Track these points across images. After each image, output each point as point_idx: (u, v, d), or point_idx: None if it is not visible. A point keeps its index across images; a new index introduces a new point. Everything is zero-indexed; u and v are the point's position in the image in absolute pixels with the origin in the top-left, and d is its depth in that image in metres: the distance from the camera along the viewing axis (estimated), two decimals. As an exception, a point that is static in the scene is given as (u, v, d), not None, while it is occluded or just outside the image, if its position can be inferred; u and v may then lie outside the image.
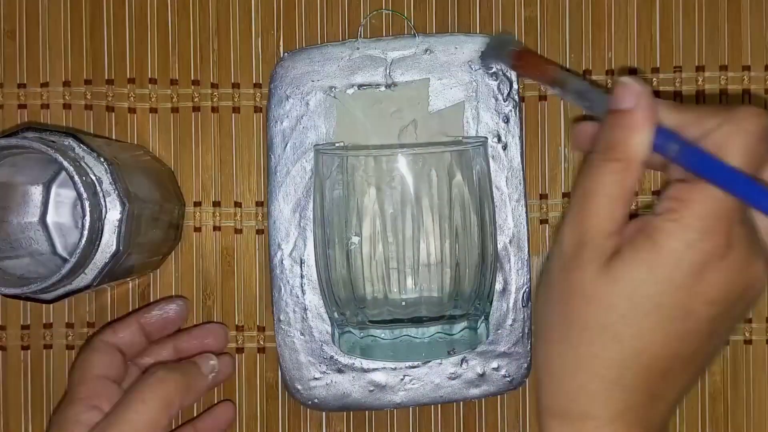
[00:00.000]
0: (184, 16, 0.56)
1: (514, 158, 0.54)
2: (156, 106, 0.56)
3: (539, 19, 0.56)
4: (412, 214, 0.49)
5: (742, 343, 0.56)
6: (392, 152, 0.49)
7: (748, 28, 0.56)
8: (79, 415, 0.47)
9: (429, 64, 0.54)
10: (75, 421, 0.47)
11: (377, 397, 0.55)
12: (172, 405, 0.47)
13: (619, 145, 0.37)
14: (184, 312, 0.54)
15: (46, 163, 0.50)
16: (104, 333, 0.51)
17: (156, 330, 0.53)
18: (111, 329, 0.52)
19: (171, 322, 0.53)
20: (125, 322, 0.52)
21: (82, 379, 0.49)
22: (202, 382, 0.50)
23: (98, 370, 0.49)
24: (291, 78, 0.54)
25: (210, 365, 0.51)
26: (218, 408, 0.55)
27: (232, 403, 0.56)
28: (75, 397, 0.48)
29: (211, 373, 0.50)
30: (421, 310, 0.50)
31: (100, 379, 0.49)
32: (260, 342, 0.56)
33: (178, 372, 0.48)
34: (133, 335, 0.52)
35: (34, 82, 0.57)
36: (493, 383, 0.54)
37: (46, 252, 0.52)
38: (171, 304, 0.54)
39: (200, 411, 0.55)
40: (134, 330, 0.52)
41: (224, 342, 0.55)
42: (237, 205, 0.56)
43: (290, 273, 0.54)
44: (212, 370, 0.51)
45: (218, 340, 0.54)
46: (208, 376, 0.50)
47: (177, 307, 0.54)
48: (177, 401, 0.47)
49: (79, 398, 0.48)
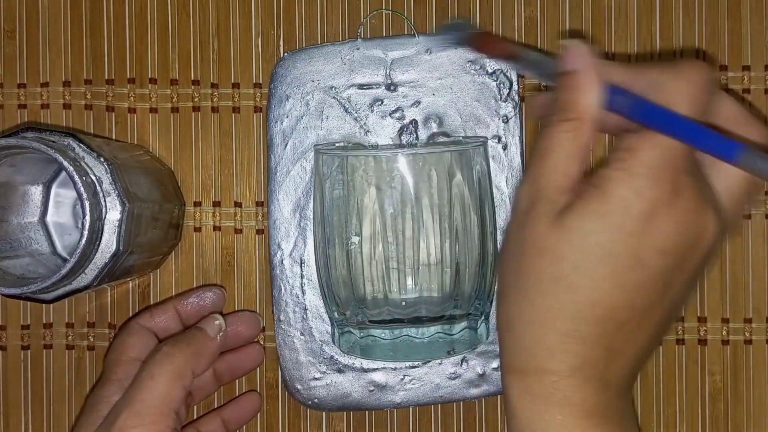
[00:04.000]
0: (184, 16, 0.56)
1: (514, 158, 0.54)
2: (156, 106, 0.56)
3: (539, 18, 0.56)
4: (412, 214, 0.49)
5: (742, 343, 0.56)
6: (392, 152, 0.49)
7: (748, 28, 0.56)
8: (112, 396, 0.47)
9: (429, 64, 0.54)
10: (107, 402, 0.47)
11: (377, 397, 0.55)
12: (184, 376, 0.47)
13: (571, 104, 0.38)
14: (222, 300, 0.54)
15: (46, 163, 0.50)
16: (141, 317, 0.52)
17: (192, 316, 0.53)
18: (148, 313, 0.52)
19: (207, 309, 0.53)
20: (162, 307, 0.53)
21: (117, 360, 0.49)
22: (211, 344, 0.50)
23: (133, 352, 0.49)
24: (291, 78, 0.54)
25: (215, 326, 0.50)
26: (244, 398, 0.55)
27: (258, 394, 0.56)
28: (109, 377, 0.49)
29: (219, 333, 0.50)
30: (421, 310, 0.50)
31: (134, 361, 0.49)
32: (260, 342, 0.56)
33: (183, 342, 0.48)
34: (169, 320, 0.52)
35: (34, 82, 0.57)
36: (493, 383, 0.54)
37: (46, 252, 0.52)
38: (208, 292, 0.54)
39: (226, 400, 0.56)
40: (171, 315, 0.52)
41: (257, 330, 0.55)
42: (237, 205, 0.56)
43: (290, 273, 0.54)
44: (219, 330, 0.50)
45: (251, 327, 0.55)
46: (216, 337, 0.50)
47: (214, 295, 0.54)
48: (188, 371, 0.47)
49: (114, 379, 0.48)
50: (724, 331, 0.56)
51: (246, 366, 0.55)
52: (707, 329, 0.56)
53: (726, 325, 0.56)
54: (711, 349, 0.56)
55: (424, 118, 0.54)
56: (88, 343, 0.56)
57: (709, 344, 0.56)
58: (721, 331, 0.56)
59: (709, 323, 0.56)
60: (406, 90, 0.54)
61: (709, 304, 0.56)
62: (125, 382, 0.47)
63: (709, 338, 0.56)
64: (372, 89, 0.54)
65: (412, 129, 0.54)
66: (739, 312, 0.56)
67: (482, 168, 0.51)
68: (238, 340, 0.54)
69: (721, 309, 0.56)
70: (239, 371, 0.55)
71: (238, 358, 0.54)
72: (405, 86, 0.54)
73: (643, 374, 0.56)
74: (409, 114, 0.54)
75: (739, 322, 0.56)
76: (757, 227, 0.56)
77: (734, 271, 0.56)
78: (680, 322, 0.56)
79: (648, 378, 0.56)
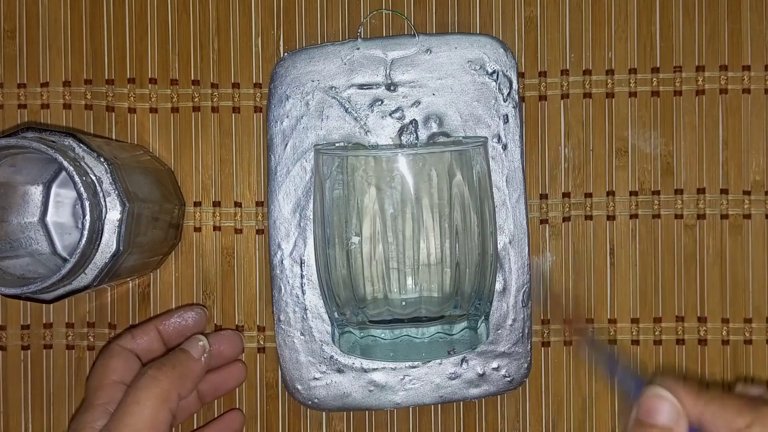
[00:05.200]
0: (184, 16, 0.56)
1: (514, 158, 0.54)
2: (156, 106, 0.56)
3: (539, 19, 0.56)
4: (412, 214, 0.49)
5: (742, 343, 0.56)
6: (392, 152, 0.49)
7: (748, 28, 0.56)
8: (96, 421, 0.47)
9: (429, 64, 0.54)
10: (92, 428, 0.46)
11: (377, 397, 0.55)
12: (170, 399, 0.46)
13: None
14: (203, 319, 0.54)
15: (46, 163, 0.50)
16: (122, 338, 0.51)
17: (174, 337, 0.53)
18: (129, 335, 0.52)
19: (189, 329, 0.53)
20: (144, 328, 0.52)
21: (99, 384, 0.49)
22: (196, 366, 0.49)
23: (116, 375, 0.49)
24: (291, 78, 0.54)
25: (200, 347, 0.50)
26: (227, 416, 0.55)
27: (241, 412, 0.56)
28: (92, 402, 0.48)
29: (204, 355, 0.50)
30: (421, 310, 0.50)
31: (117, 384, 0.48)
32: (260, 342, 0.56)
33: (168, 365, 0.48)
34: (151, 341, 0.52)
35: (34, 82, 0.57)
36: (493, 383, 0.54)
37: (46, 252, 0.52)
38: (189, 312, 0.54)
39: (208, 419, 0.56)
40: (152, 336, 0.52)
41: (239, 348, 0.55)
42: (237, 205, 0.56)
43: (290, 273, 0.54)
44: (203, 351, 0.50)
45: (233, 346, 0.54)
46: (201, 358, 0.50)
47: (195, 315, 0.54)
48: (174, 394, 0.47)
49: (97, 404, 0.48)
50: (724, 331, 0.56)
51: (229, 384, 0.55)
52: (707, 329, 0.56)
53: (726, 325, 0.56)
54: (711, 349, 0.56)
55: (424, 118, 0.54)
56: (88, 343, 0.56)
57: (709, 344, 0.56)
58: (721, 331, 0.56)
59: (709, 323, 0.56)
60: (406, 90, 0.54)
61: (709, 304, 0.56)
62: (110, 406, 0.47)
63: (709, 338, 0.56)
64: (372, 89, 0.54)
65: (412, 129, 0.54)
66: (739, 312, 0.56)
67: (482, 168, 0.51)
68: (220, 359, 0.54)
69: (721, 309, 0.56)
70: (222, 390, 0.55)
71: (221, 377, 0.54)
72: (405, 86, 0.54)
73: (643, 374, 0.56)
74: (409, 114, 0.54)
75: (739, 322, 0.56)
76: (757, 227, 0.56)
77: (734, 271, 0.56)
78: (680, 322, 0.56)
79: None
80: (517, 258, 0.54)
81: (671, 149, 0.56)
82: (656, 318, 0.56)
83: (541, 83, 0.56)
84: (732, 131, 0.56)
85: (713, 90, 0.56)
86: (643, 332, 0.56)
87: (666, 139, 0.56)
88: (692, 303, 0.56)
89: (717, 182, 0.56)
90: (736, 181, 0.56)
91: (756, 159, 0.56)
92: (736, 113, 0.56)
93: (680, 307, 0.56)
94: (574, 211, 0.56)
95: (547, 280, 0.54)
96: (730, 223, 0.56)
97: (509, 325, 0.54)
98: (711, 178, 0.56)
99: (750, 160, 0.56)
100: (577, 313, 0.54)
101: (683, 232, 0.56)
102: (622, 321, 0.56)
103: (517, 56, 0.56)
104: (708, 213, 0.56)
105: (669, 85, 0.56)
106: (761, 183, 0.56)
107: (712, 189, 0.56)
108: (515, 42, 0.56)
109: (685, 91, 0.56)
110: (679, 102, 0.56)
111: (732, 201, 0.56)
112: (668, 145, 0.56)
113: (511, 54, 0.54)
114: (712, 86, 0.56)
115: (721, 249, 0.56)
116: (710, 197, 0.56)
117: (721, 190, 0.56)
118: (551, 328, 0.56)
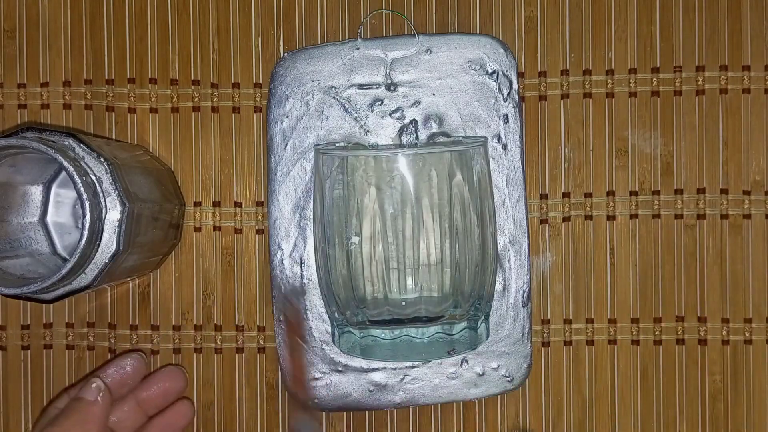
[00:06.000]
0: (184, 16, 0.56)
1: (514, 158, 0.54)
2: (156, 106, 0.56)
3: (539, 19, 0.56)
4: (412, 214, 0.49)
5: (742, 343, 0.56)
6: (392, 152, 0.49)
7: (748, 28, 0.56)
8: None
9: (429, 64, 0.54)
10: None
11: (377, 397, 0.55)
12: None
13: None
14: (142, 365, 0.53)
15: (46, 163, 0.50)
16: (59, 400, 0.51)
17: (115, 387, 0.51)
18: (66, 394, 0.51)
19: (129, 377, 0.52)
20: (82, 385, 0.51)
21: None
22: (94, 408, 0.49)
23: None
24: (291, 78, 0.54)
25: (93, 390, 0.49)
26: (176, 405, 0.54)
27: (190, 401, 0.54)
28: None
29: (99, 395, 0.49)
30: (421, 310, 0.50)
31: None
32: (260, 342, 0.56)
33: (62, 416, 0.48)
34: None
35: (34, 82, 0.57)
36: (493, 383, 0.54)
37: (46, 252, 0.52)
38: (127, 359, 0.52)
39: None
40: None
41: (183, 382, 0.54)
42: (237, 205, 0.56)
43: (290, 273, 0.54)
44: (98, 392, 0.49)
45: (177, 381, 0.53)
46: (97, 399, 0.49)
47: (134, 361, 0.52)
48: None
49: None
50: (724, 331, 0.56)
51: (179, 423, 0.53)
52: (707, 329, 0.56)
53: (726, 325, 0.56)
54: (711, 349, 0.56)
55: (424, 118, 0.54)
56: (88, 343, 0.56)
57: (709, 344, 0.56)
58: (721, 331, 0.56)
59: (709, 323, 0.56)
60: (406, 90, 0.54)
61: (709, 304, 0.56)
62: None
63: (709, 338, 0.56)
64: (372, 89, 0.54)
65: (412, 129, 0.54)
66: (739, 312, 0.56)
67: (482, 168, 0.51)
68: (168, 397, 0.53)
69: (721, 309, 0.56)
70: (172, 430, 0.54)
71: (166, 419, 0.53)
72: (405, 86, 0.54)
73: (643, 374, 0.56)
74: (409, 114, 0.54)
75: (739, 322, 0.56)
76: (757, 227, 0.56)
77: (734, 271, 0.56)
78: (680, 322, 0.56)
79: (648, 378, 0.56)
80: (517, 258, 0.54)
81: (671, 149, 0.56)
82: (656, 318, 0.56)
83: (541, 83, 0.56)
84: (732, 131, 0.56)
85: (713, 90, 0.56)
86: (643, 332, 0.56)
87: (666, 139, 0.56)
88: (692, 303, 0.56)
89: (717, 182, 0.56)
90: (736, 181, 0.56)
91: (756, 159, 0.56)
92: (736, 113, 0.56)
93: (680, 307, 0.56)
94: (574, 211, 0.56)
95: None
96: (730, 223, 0.56)
97: (509, 325, 0.54)
98: (711, 178, 0.56)
99: (750, 160, 0.56)
100: None
101: (683, 232, 0.56)
102: (622, 321, 0.56)
103: (517, 56, 0.56)
104: (708, 213, 0.56)
105: (669, 85, 0.56)
106: (761, 183, 0.56)
107: (712, 189, 0.56)
108: (515, 42, 0.56)
109: (685, 91, 0.56)
110: (679, 102, 0.56)
111: (732, 201, 0.56)
112: (668, 145, 0.56)
113: (511, 54, 0.54)
114: (712, 86, 0.56)
115: (721, 249, 0.56)
116: (710, 197, 0.56)
117: (721, 190, 0.56)
118: (551, 328, 0.56)
